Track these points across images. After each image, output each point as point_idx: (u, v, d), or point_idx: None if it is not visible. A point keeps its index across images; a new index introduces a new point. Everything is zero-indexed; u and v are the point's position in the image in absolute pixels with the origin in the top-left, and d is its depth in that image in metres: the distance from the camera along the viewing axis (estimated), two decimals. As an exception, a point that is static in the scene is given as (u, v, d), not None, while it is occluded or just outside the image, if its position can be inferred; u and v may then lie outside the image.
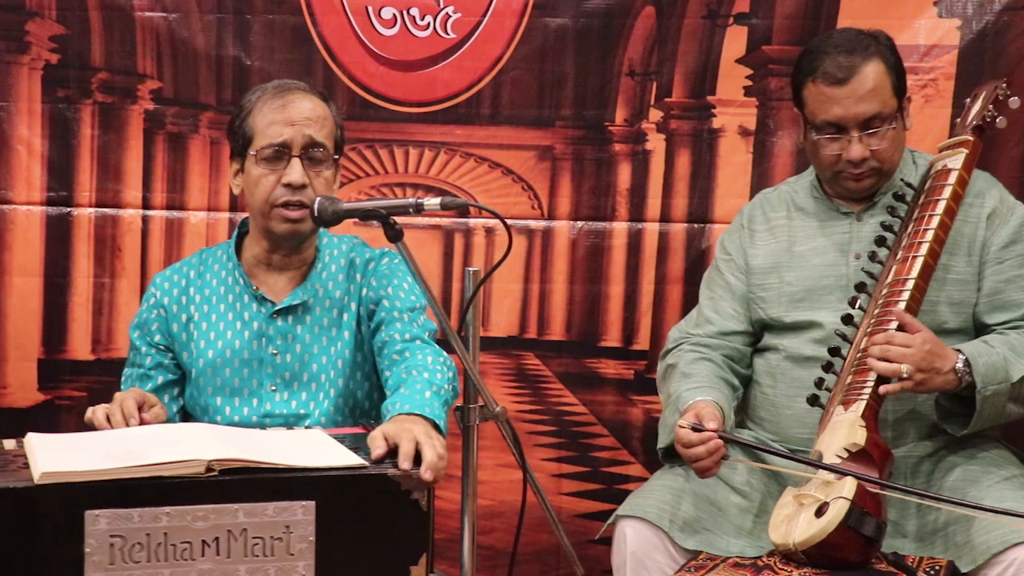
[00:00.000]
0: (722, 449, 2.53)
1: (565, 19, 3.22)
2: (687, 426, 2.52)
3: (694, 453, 2.52)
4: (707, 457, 2.52)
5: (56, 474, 1.92)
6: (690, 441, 2.52)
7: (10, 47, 3.14)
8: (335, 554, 2.04)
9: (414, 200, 2.24)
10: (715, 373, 2.77)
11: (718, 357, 2.81)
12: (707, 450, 2.51)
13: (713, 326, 2.85)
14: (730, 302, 2.87)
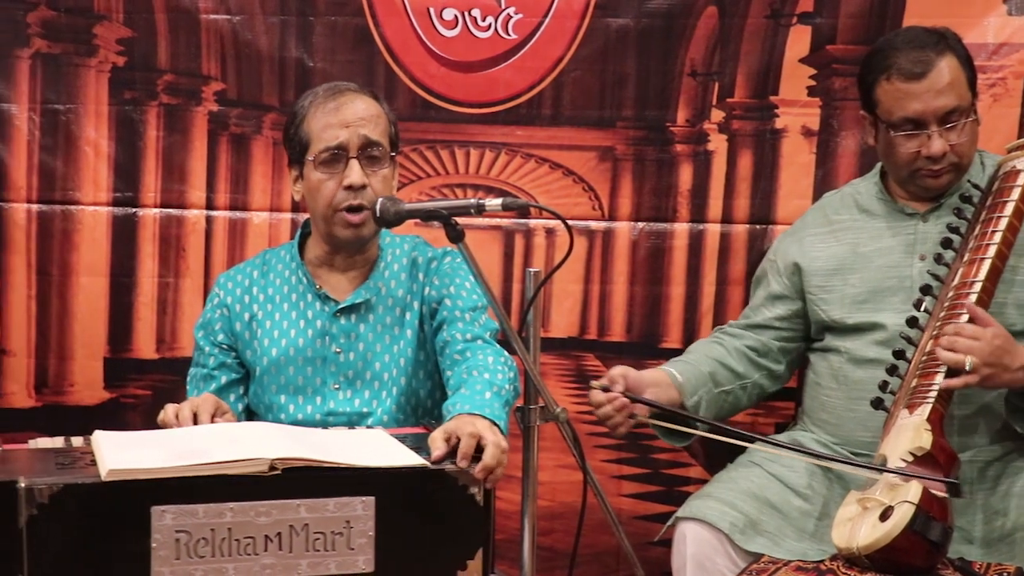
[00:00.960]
0: (628, 408, 2.63)
1: (627, 19, 3.21)
2: (597, 387, 2.65)
3: (602, 413, 2.65)
4: (614, 415, 2.62)
5: (123, 471, 1.95)
6: (598, 401, 2.65)
7: (79, 50, 3.17)
8: (394, 548, 2.06)
9: (475, 201, 2.25)
10: (710, 353, 2.83)
11: (732, 344, 2.85)
12: (613, 408, 2.62)
13: (745, 319, 2.95)
14: (762, 299, 2.93)
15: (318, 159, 2.55)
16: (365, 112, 2.57)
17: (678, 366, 2.80)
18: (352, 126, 2.55)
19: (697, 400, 2.76)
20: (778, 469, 2.73)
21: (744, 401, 2.89)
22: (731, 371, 2.84)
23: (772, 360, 2.88)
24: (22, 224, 3.21)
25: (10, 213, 3.20)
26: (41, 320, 3.26)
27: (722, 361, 2.84)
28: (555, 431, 2.35)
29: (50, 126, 3.19)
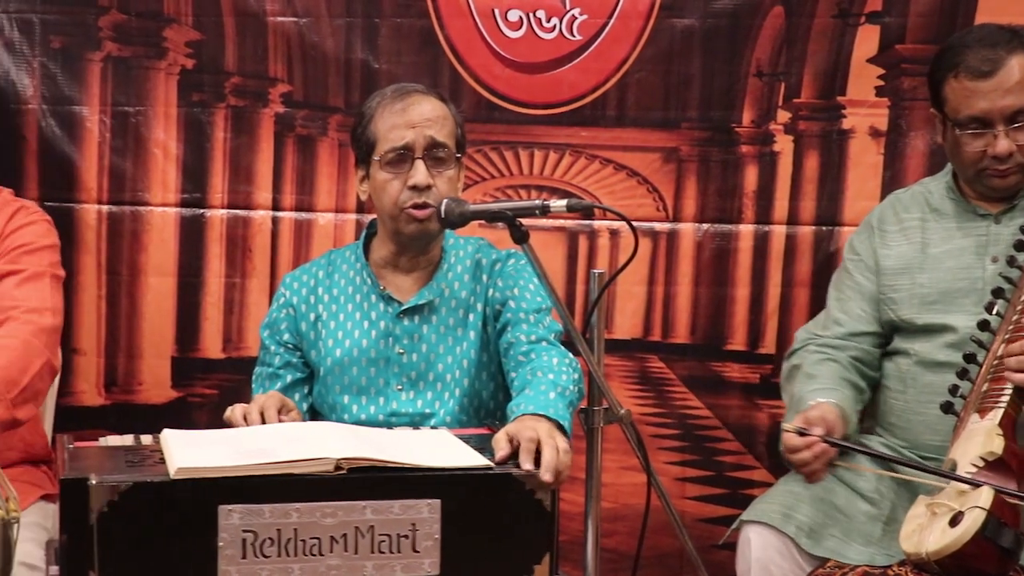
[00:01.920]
0: (828, 453, 2.50)
1: (692, 20, 3.19)
2: (792, 430, 2.51)
3: (799, 458, 2.51)
4: (813, 462, 2.50)
5: (191, 469, 1.97)
6: (795, 446, 2.51)
7: (148, 52, 3.21)
8: (460, 552, 2.05)
9: (540, 202, 2.24)
10: (839, 375, 2.74)
11: (844, 358, 2.77)
12: (812, 455, 2.50)
13: (841, 327, 2.82)
14: (858, 303, 2.83)
15: (384, 159, 2.56)
16: (432, 113, 2.58)
17: (831, 395, 2.66)
18: (418, 127, 2.55)
19: (855, 428, 2.70)
20: (844, 473, 2.70)
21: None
22: (858, 388, 2.75)
23: (874, 370, 2.81)
24: (93, 225, 3.25)
25: (81, 214, 3.25)
26: (111, 320, 3.30)
27: (850, 380, 2.74)
28: (619, 433, 2.35)
29: (120, 128, 3.23)
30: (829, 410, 2.58)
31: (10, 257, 2.63)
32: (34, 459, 2.78)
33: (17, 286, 2.59)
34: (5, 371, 2.37)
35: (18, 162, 3.21)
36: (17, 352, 2.43)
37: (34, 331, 2.49)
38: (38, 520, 2.60)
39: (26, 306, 2.54)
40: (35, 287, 2.60)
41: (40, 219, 2.76)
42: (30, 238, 2.68)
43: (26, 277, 2.61)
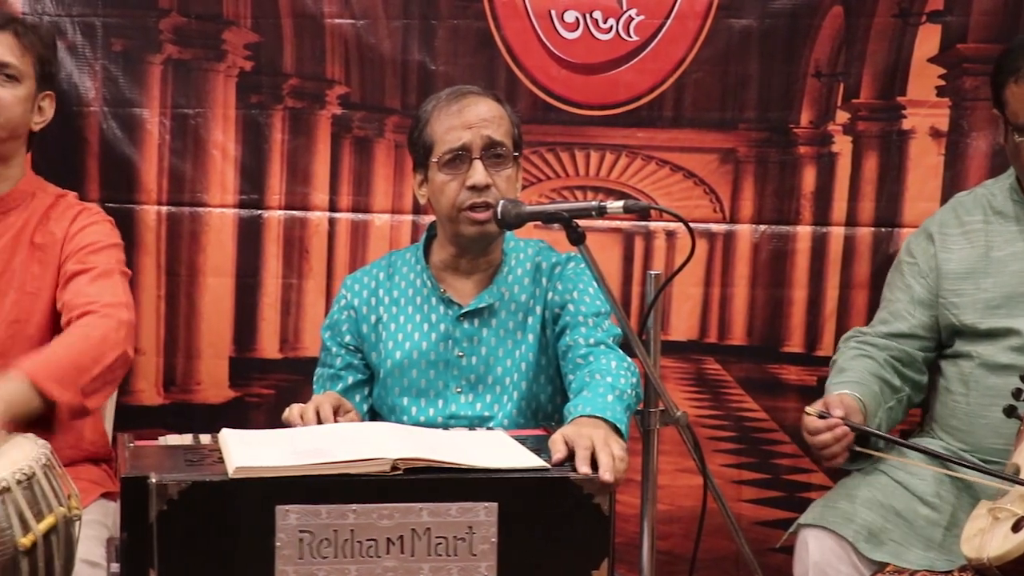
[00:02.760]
0: (849, 436, 2.52)
1: (750, 20, 3.17)
2: (813, 413, 2.54)
3: (820, 440, 2.54)
4: (833, 444, 2.52)
5: (249, 469, 1.98)
6: (816, 428, 2.54)
7: (208, 55, 3.24)
8: (517, 556, 2.05)
9: (597, 203, 2.25)
10: (870, 370, 2.74)
11: (881, 356, 2.77)
12: (833, 437, 2.52)
13: (885, 327, 2.83)
14: (905, 305, 2.82)
15: (441, 160, 2.57)
16: (488, 113, 2.58)
17: (853, 387, 2.69)
18: (475, 127, 2.56)
19: (879, 422, 2.68)
20: (904, 476, 2.67)
21: (900, 416, 2.82)
22: (890, 386, 2.76)
23: (916, 371, 2.81)
24: (152, 226, 3.28)
25: (141, 215, 3.28)
26: (169, 320, 3.33)
27: (881, 376, 2.75)
28: (675, 435, 2.34)
29: (180, 130, 3.26)
30: (846, 399, 2.60)
31: (78, 257, 2.67)
32: (95, 457, 2.81)
33: (90, 283, 2.62)
34: (79, 358, 2.40)
35: (80, 164, 3.25)
36: (94, 342, 2.45)
37: (113, 324, 2.51)
38: (99, 518, 2.63)
39: (102, 301, 2.56)
40: (108, 283, 2.63)
41: (102, 220, 2.80)
42: (95, 237, 2.72)
43: (97, 274, 2.64)
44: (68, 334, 2.49)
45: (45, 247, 2.70)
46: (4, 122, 2.68)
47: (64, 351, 2.41)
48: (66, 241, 2.70)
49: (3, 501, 2.02)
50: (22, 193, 2.75)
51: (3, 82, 2.68)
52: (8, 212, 2.72)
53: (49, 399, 2.31)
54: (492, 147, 2.57)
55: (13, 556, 2.03)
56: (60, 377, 2.34)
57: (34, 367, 2.33)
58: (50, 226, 2.72)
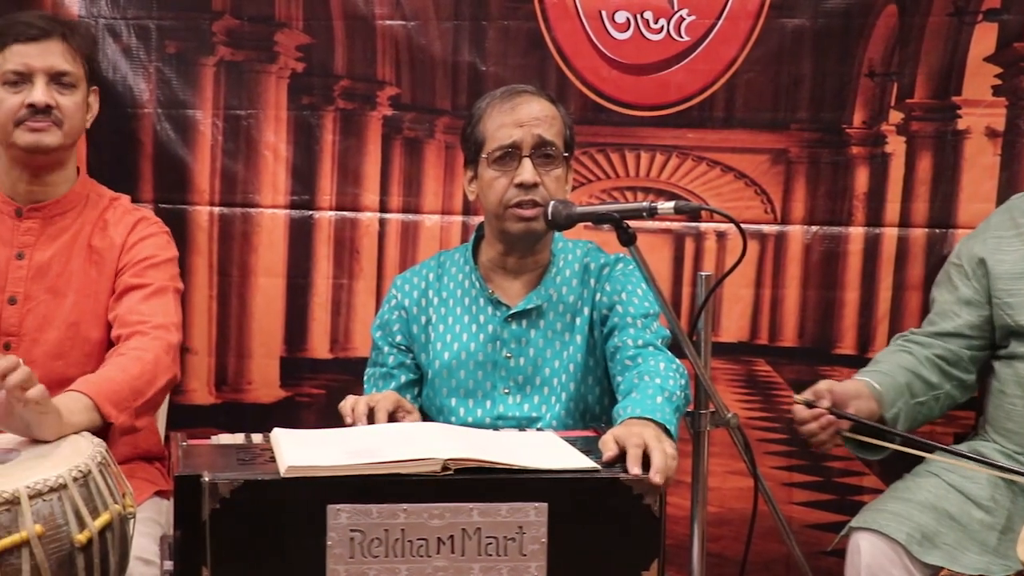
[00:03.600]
0: (835, 424, 2.54)
1: (803, 19, 3.15)
2: (800, 402, 2.57)
3: (806, 429, 2.57)
4: (819, 432, 2.55)
5: (301, 468, 1.99)
6: (803, 418, 2.57)
7: (260, 56, 3.26)
8: (567, 556, 2.05)
9: (647, 204, 2.24)
10: (903, 364, 2.73)
11: (923, 353, 2.76)
12: (819, 426, 2.54)
13: (932, 326, 2.84)
14: (952, 304, 2.81)
15: (492, 157, 2.58)
16: (540, 112, 2.59)
17: (875, 376, 2.71)
18: (526, 125, 2.56)
19: (896, 412, 2.68)
20: (958, 480, 2.65)
21: (936, 412, 2.81)
22: (924, 381, 2.75)
23: (962, 370, 2.79)
24: (204, 226, 3.31)
25: (193, 215, 3.30)
26: (221, 319, 3.35)
27: (915, 371, 2.75)
28: (725, 436, 2.33)
29: (232, 131, 3.28)
30: (852, 385, 2.63)
31: (135, 271, 2.69)
32: (148, 456, 2.84)
33: (143, 300, 2.65)
34: (136, 381, 2.44)
35: (134, 165, 3.28)
36: (149, 366, 2.49)
37: (164, 347, 2.56)
38: (152, 516, 2.66)
39: (154, 322, 2.60)
40: (160, 302, 2.66)
41: (160, 231, 2.82)
42: (153, 251, 2.74)
43: (151, 292, 2.67)
44: (124, 357, 2.52)
45: (103, 251, 2.73)
46: (69, 129, 2.70)
47: (122, 375, 2.45)
48: (124, 251, 2.72)
49: (60, 498, 2.05)
50: (77, 195, 2.78)
51: (62, 91, 2.69)
52: (64, 214, 2.75)
53: (107, 420, 2.35)
54: (542, 146, 2.57)
55: (69, 552, 2.05)
56: (118, 400, 2.38)
57: (96, 387, 2.37)
58: (108, 231, 2.75)
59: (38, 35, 2.66)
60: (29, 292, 2.70)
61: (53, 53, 2.67)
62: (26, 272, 2.71)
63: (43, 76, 2.65)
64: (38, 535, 2.01)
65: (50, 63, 2.66)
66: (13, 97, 2.65)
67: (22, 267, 2.71)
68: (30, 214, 2.73)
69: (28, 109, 2.64)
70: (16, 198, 2.74)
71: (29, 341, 2.69)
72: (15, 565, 2.00)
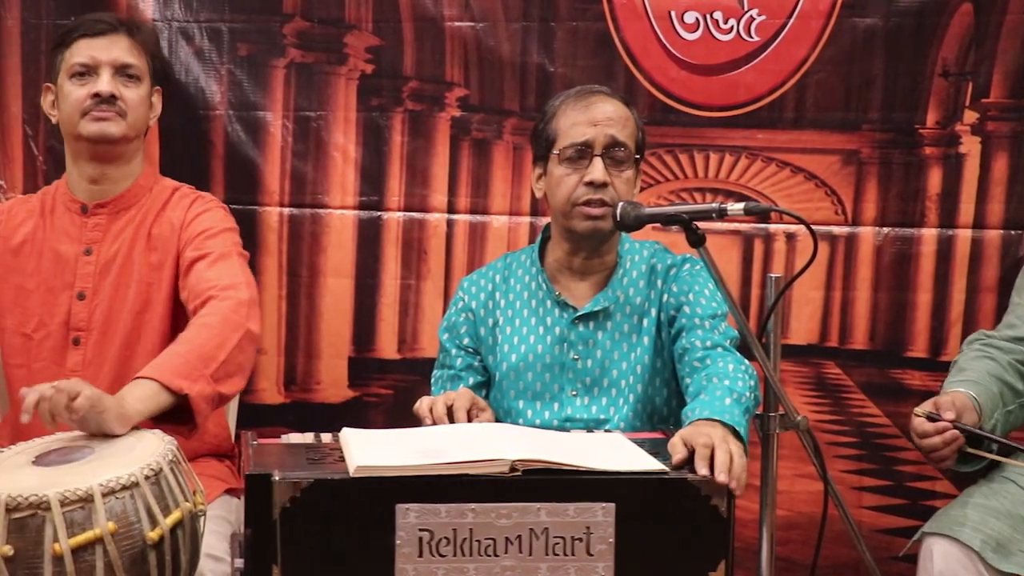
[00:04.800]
0: (958, 439, 2.47)
1: (875, 19, 3.12)
2: (922, 414, 2.49)
3: (929, 443, 2.50)
4: (942, 447, 2.48)
5: (370, 468, 2.01)
6: (924, 432, 2.50)
7: (330, 58, 3.28)
8: (634, 556, 2.05)
9: (717, 205, 2.23)
10: (991, 371, 2.67)
11: (1005, 359, 2.71)
12: (942, 440, 2.47)
13: (1010, 331, 2.78)
14: None
15: (563, 154, 2.58)
16: (614, 113, 2.58)
17: (970, 387, 2.63)
18: (600, 125, 2.56)
19: (994, 423, 2.63)
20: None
21: (1020, 421, 2.75)
22: (1012, 389, 2.69)
23: None
24: (274, 227, 3.33)
25: (264, 216, 3.33)
26: (290, 319, 3.38)
27: (1002, 379, 2.69)
28: (794, 439, 2.31)
29: (302, 132, 3.31)
30: (960, 397, 2.55)
31: (195, 244, 2.71)
32: (218, 453, 2.87)
33: (209, 267, 2.66)
34: (202, 348, 2.43)
35: (205, 166, 3.32)
36: (215, 329, 2.48)
37: (232, 305, 2.54)
38: (222, 513, 2.68)
39: (221, 284, 2.60)
40: (225, 265, 2.67)
41: (216, 206, 2.84)
42: (209, 223, 2.76)
43: (215, 258, 2.68)
44: (189, 328, 2.52)
45: (162, 236, 2.75)
46: (133, 121, 2.75)
47: (186, 347, 2.44)
48: (182, 229, 2.74)
49: (132, 496, 2.08)
50: (141, 188, 2.82)
51: (127, 83, 2.75)
52: (129, 208, 2.79)
53: (179, 394, 2.34)
54: (614, 147, 2.56)
55: (142, 549, 2.08)
56: (186, 371, 2.37)
57: (159, 368, 2.37)
58: (167, 215, 2.78)
59: (105, 30, 2.74)
60: (97, 287, 2.74)
61: (119, 47, 2.74)
62: (94, 268, 2.75)
63: (108, 68, 2.72)
64: (111, 532, 2.04)
65: (115, 55, 2.73)
66: (80, 89, 2.71)
67: (90, 263, 2.75)
68: (96, 210, 2.77)
69: (93, 99, 2.70)
70: (82, 195, 2.79)
71: (98, 335, 2.72)
72: (89, 562, 2.03)
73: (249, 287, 2.63)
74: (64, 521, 2.02)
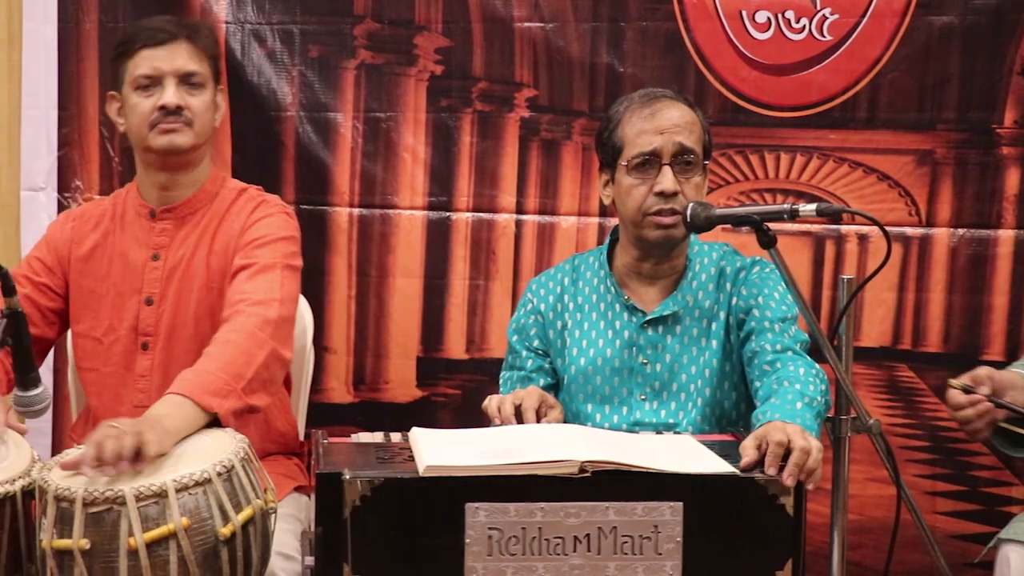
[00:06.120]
0: (992, 413, 2.43)
1: (951, 17, 3.08)
2: (958, 387, 2.46)
3: (962, 416, 2.46)
4: (975, 420, 2.44)
5: (440, 468, 2.01)
6: (958, 403, 2.45)
7: (400, 60, 3.30)
8: (701, 555, 2.04)
9: (789, 206, 2.21)
10: None
11: None
12: (976, 412, 2.43)
13: None
14: None
15: (631, 164, 2.55)
16: (680, 119, 2.55)
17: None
18: (667, 132, 2.53)
19: None
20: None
21: None
22: None
23: None
24: (344, 227, 3.36)
25: (334, 216, 3.36)
26: (359, 319, 3.40)
27: None
28: (866, 443, 2.29)
29: (372, 133, 3.33)
30: (1006, 375, 2.51)
31: (245, 252, 2.68)
32: (288, 452, 2.89)
33: (248, 279, 2.63)
34: (230, 366, 2.43)
35: (276, 166, 3.35)
36: (241, 346, 2.47)
37: (258, 323, 2.51)
38: (292, 511, 2.70)
39: (253, 299, 2.57)
40: (264, 279, 2.63)
41: (278, 211, 2.79)
42: (264, 231, 2.72)
43: (257, 270, 2.64)
44: (214, 344, 2.51)
45: (224, 241, 2.74)
46: (200, 129, 2.74)
47: (215, 363, 2.44)
48: (240, 234, 2.73)
49: (205, 492, 2.10)
50: (207, 194, 2.81)
51: (191, 91, 2.73)
52: (195, 213, 2.78)
53: (210, 412, 2.35)
54: (682, 154, 2.54)
55: (214, 545, 2.10)
56: (217, 389, 2.37)
57: (191, 385, 2.37)
58: (230, 220, 2.77)
59: (165, 39, 2.72)
60: (164, 292, 2.75)
61: (180, 55, 2.72)
62: (161, 273, 2.76)
63: (172, 78, 2.71)
64: (184, 528, 2.07)
65: (178, 65, 2.71)
66: (145, 101, 2.71)
67: (157, 268, 2.76)
68: (163, 216, 2.79)
69: (160, 111, 2.69)
70: (151, 200, 2.80)
71: (165, 340, 2.74)
72: (163, 556, 2.06)
73: (282, 305, 2.59)
74: (139, 516, 2.05)
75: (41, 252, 2.82)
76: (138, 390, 2.72)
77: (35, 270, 2.79)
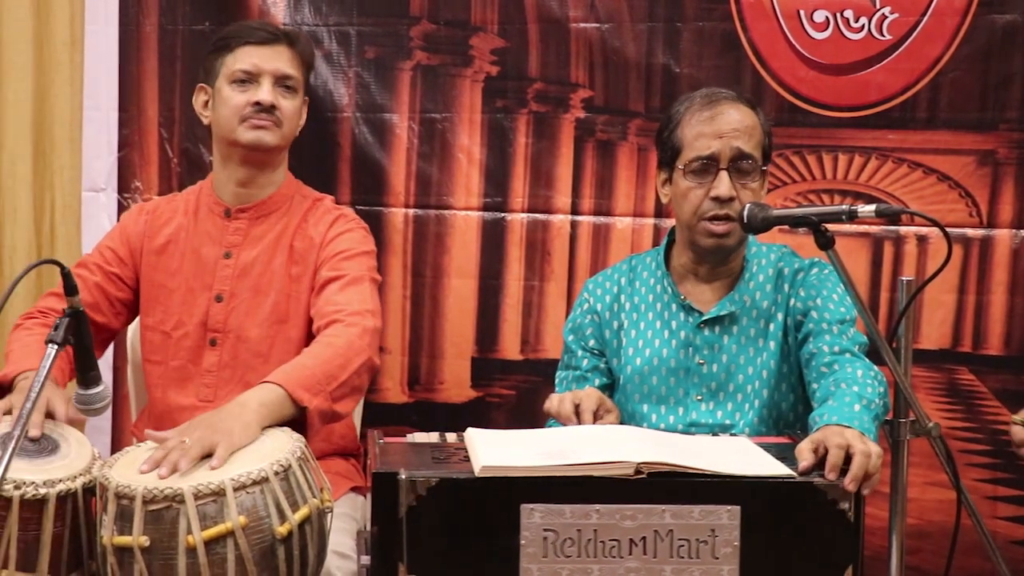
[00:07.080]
0: None
1: (1014, 15, 3.04)
2: (1019, 422, 2.42)
3: None
4: None
5: (495, 468, 2.01)
6: (1022, 440, 2.41)
7: (455, 60, 3.31)
8: (759, 560, 2.03)
9: (847, 207, 2.19)
10: None
11: None
12: None
13: None
14: None
15: (688, 167, 2.54)
16: (740, 123, 2.54)
17: None
18: (725, 137, 2.52)
19: None
20: None
21: None
22: None
23: None
24: (400, 228, 3.37)
25: (389, 217, 3.37)
26: (415, 320, 3.41)
27: None
28: (925, 446, 2.27)
29: (427, 134, 3.34)
30: None
31: (331, 264, 2.75)
32: (344, 452, 2.90)
33: (340, 290, 2.69)
34: (327, 365, 2.47)
35: (333, 167, 3.37)
36: (341, 350, 2.52)
37: (359, 332, 2.57)
38: (348, 511, 2.72)
39: (350, 309, 2.63)
40: (356, 291, 2.69)
41: (357, 227, 2.87)
42: (348, 244, 2.79)
43: (348, 281, 2.71)
44: (315, 344, 2.56)
45: (303, 251, 2.80)
46: (287, 131, 2.80)
47: (312, 360, 2.48)
48: (322, 247, 2.78)
49: (262, 491, 2.12)
50: (283, 197, 2.86)
51: (284, 94, 2.79)
52: (270, 215, 2.83)
53: (300, 405, 2.39)
54: (740, 159, 2.52)
55: (271, 544, 2.12)
56: (310, 385, 2.41)
57: (286, 376, 2.41)
58: (308, 230, 2.82)
59: (268, 39, 2.79)
60: (235, 290, 2.79)
61: (281, 57, 2.78)
62: (232, 271, 2.80)
63: (269, 77, 2.76)
64: (242, 526, 2.08)
65: (277, 66, 2.77)
66: (240, 96, 2.76)
67: (229, 266, 2.80)
68: (238, 215, 2.83)
69: (253, 107, 2.74)
70: (227, 198, 2.84)
71: (233, 338, 2.77)
72: (221, 554, 2.08)
73: (375, 316, 2.66)
74: (197, 514, 2.07)
75: (114, 242, 2.87)
76: (204, 385, 2.76)
77: (107, 259, 2.84)
